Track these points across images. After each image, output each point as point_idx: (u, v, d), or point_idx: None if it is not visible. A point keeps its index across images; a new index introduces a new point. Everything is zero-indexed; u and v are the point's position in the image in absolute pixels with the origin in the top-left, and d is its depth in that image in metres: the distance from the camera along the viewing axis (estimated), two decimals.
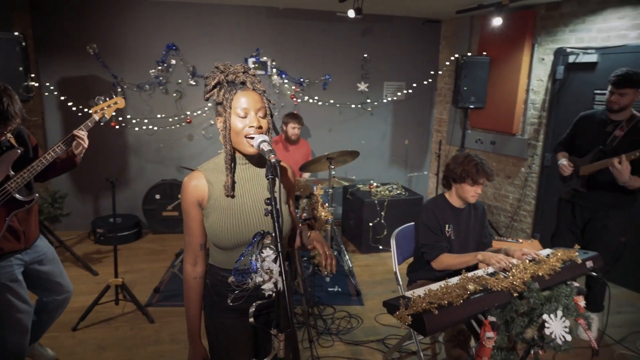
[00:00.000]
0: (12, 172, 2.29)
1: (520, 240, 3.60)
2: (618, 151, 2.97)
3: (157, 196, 5.12)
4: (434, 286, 1.97)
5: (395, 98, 5.74)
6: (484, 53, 5.04)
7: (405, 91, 5.77)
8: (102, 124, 2.86)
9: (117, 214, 5.08)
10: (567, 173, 3.24)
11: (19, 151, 2.33)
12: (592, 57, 4.18)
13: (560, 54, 4.46)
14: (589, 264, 2.39)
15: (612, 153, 3.01)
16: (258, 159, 1.65)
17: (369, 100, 5.67)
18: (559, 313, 2.07)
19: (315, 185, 3.87)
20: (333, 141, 5.60)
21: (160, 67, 4.97)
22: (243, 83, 1.53)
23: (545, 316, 2.06)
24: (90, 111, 2.71)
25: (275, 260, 1.29)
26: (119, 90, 4.91)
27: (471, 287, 1.96)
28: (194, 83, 5.09)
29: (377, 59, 5.60)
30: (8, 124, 2.16)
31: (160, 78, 4.98)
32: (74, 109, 4.76)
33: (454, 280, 2.07)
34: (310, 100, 5.43)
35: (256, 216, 1.57)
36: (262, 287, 1.31)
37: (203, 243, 1.64)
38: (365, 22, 5.44)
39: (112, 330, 3.28)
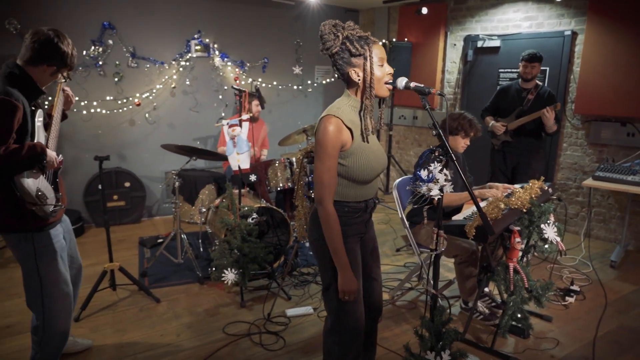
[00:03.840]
0: (45, 133, 2.18)
1: None
2: (532, 110, 4.06)
3: (100, 186, 4.76)
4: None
5: (325, 82, 6.19)
6: (406, 39, 5.80)
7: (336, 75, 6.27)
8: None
9: None
10: (501, 131, 4.14)
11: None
12: (496, 43, 5.18)
13: (469, 40, 5.41)
14: (550, 190, 3.17)
15: (528, 111, 4.09)
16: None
17: (308, 82, 6.02)
18: (550, 222, 2.77)
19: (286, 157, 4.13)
20: (272, 122, 5.83)
21: (97, 47, 4.62)
22: (367, 38, 1.79)
23: (543, 225, 2.74)
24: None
25: (441, 171, 1.64)
26: None
27: (502, 205, 2.53)
28: (135, 65, 4.85)
29: (308, 44, 5.98)
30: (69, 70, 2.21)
31: (99, 59, 4.63)
32: None
33: (485, 203, 2.64)
34: (254, 83, 5.58)
35: (379, 153, 1.87)
36: (431, 193, 1.65)
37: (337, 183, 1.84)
38: (297, 9, 5.78)
39: (120, 314, 3.14)
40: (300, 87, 6.01)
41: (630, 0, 4.21)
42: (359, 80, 1.78)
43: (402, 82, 1.78)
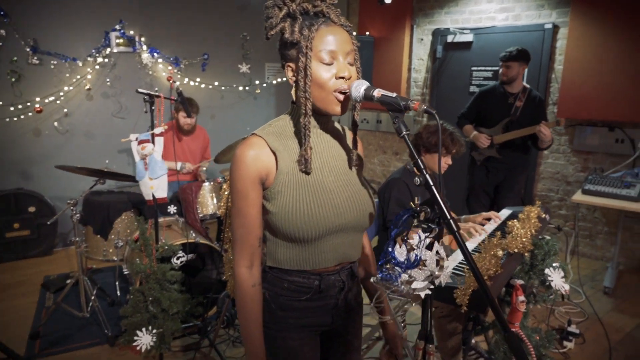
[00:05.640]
0: None
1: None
2: (522, 120, 3.38)
3: None
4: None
5: (276, 82, 5.43)
6: (367, 33, 5.12)
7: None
8: None
9: None
10: (486, 145, 3.50)
11: None
12: (468, 37, 4.58)
13: (438, 34, 4.79)
14: (547, 217, 2.56)
15: (518, 122, 3.41)
16: (331, 123, 1.24)
17: (257, 82, 5.24)
18: (556, 265, 2.15)
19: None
20: (217, 129, 5.01)
21: None
22: (324, 15, 1.11)
23: (547, 270, 2.11)
24: None
25: (430, 246, 0.94)
26: None
27: (500, 253, 1.87)
28: (37, 62, 3.93)
29: (257, 38, 5.20)
30: None
31: None
32: None
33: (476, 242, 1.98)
34: (192, 83, 4.75)
35: (342, 195, 1.18)
36: (412, 286, 0.94)
37: (262, 236, 1.18)
38: None
39: None
40: (247, 88, 5.22)
41: None
42: (294, 83, 1.14)
43: (359, 88, 1.06)
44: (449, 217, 0.90)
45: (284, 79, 5.47)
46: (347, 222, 1.17)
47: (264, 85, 5.33)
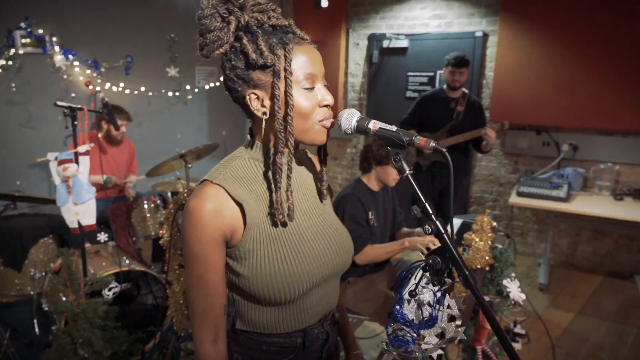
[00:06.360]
0: None
1: None
2: (465, 124, 3.47)
3: None
4: None
5: (208, 86, 5.13)
6: None
7: (221, 77, 5.24)
8: None
9: None
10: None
11: None
12: (403, 43, 4.62)
13: (374, 39, 4.79)
14: (496, 224, 2.60)
15: (461, 126, 3.50)
16: (300, 155, 1.07)
17: (187, 87, 4.89)
18: (513, 275, 2.16)
19: (167, 192, 3.09)
20: (144, 138, 4.61)
21: None
22: (287, 30, 0.93)
23: (504, 281, 2.12)
24: None
25: (439, 301, 0.83)
26: None
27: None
28: None
29: (186, 40, 4.86)
30: None
31: None
32: None
33: None
34: (115, 89, 4.32)
35: (321, 241, 1.02)
36: (422, 345, 0.82)
37: (226, 304, 0.99)
38: None
39: None
40: (177, 94, 4.87)
41: None
42: (264, 114, 0.91)
43: (350, 120, 0.92)
44: (466, 270, 0.80)
45: (217, 83, 5.18)
46: (331, 271, 1.02)
47: (196, 90, 5.01)
